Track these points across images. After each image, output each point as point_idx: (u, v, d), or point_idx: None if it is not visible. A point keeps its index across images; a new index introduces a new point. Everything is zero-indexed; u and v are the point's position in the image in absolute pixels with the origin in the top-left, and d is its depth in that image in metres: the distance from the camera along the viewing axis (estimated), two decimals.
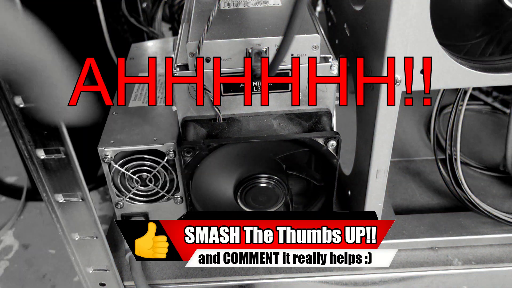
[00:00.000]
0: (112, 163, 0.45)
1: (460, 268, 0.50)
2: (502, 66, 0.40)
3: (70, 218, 0.43)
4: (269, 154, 0.44)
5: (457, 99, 0.47)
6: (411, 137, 0.69)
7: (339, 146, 0.42)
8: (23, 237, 0.88)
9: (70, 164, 0.38)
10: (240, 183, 0.45)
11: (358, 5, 0.45)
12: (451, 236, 0.51)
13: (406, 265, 0.50)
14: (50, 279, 0.79)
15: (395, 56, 0.37)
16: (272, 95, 0.43)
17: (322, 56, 0.42)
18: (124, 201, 0.48)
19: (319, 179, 0.47)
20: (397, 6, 0.34)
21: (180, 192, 0.48)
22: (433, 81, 0.39)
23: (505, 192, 0.57)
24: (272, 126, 0.43)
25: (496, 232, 0.51)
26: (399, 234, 0.51)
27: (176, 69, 0.41)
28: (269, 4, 0.47)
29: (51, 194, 0.41)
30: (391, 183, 0.60)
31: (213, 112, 0.44)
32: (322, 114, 0.44)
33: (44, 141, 0.37)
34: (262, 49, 0.40)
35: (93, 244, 0.45)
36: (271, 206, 0.46)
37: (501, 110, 0.73)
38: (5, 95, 0.34)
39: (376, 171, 0.45)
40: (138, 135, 0.46)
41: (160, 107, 0.51)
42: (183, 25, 0.48)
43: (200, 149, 0.42)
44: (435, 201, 0.57)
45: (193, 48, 0.40)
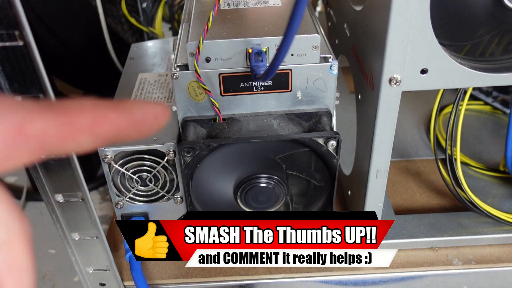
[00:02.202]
0: (112, 163, 0.45)
1: (460, 268, 0.49)
2: (502, 66, 0.40)
3: (70, 218, 0.43)
4: (269, 154, 0.44)
5: (457, 99, 0.47)
6: (411, 137, 0.69)
7: (339, 146, 0.42)
8: None
9: (70, 164, 0.38)
10: (240, 183, 0.45)
11: (358, 5, 0.45)
12: (451, 236, 0.51)
13: (406, 265, 0.50)
14: (50, 279, 0.79)
15: (395, 56, 0.37)
16: (272, 95, 0.43)
17: (322, 56, 0.42)
18: (124, 201, 0.48)
19: (319, 179, 0.47)
20: (397, 6, 0.34)
21: (180, 192, 0.48)
22: (433, 81, 0.39)
23: (505, 192, 0.57)
24: (272, 126, 0.43)
25: (496, 232, 0.51)
26: (399, 234, 0.51)
27: (176, 69, 0.41)
28: (269, 4, 0.47)
29: (51, 194, 0.41)
30: (391, 183, 0.60)
31: (213, 112, 0.44)
32: (322, 114, 0.44)
33: None
34: (262, 49, 0.40)
35: (93, 244, 0.45)
36: (271, 206, 0.46)
37: (501, 110, 0.73)
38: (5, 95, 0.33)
39: (376, 171, 0.45)
40: None
41: None
42: (183, 25, 0.48)
43: (200, 149, 0.42)
44: (435, 201, 0.57)
45: (193, 48, 0.40)
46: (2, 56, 0.32)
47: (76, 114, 0.19)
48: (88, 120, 0.19)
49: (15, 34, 0.31)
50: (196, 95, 0.43)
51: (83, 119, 0.19)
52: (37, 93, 0.33)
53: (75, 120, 0.19)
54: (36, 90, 0.33)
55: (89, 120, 0.19)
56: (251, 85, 0.42)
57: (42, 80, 0.33)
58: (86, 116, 0.19)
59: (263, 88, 0.42)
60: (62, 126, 0.19)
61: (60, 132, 0.19)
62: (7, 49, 0.31)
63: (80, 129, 0.19)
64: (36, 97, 0.34)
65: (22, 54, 0.31)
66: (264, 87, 0.42)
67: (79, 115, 0.19)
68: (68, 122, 0.19)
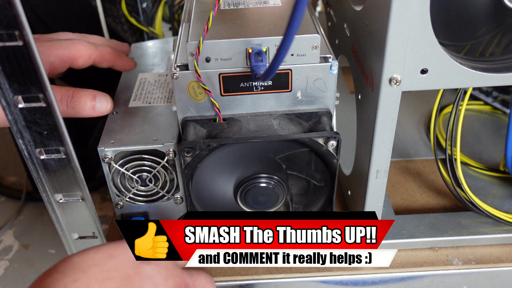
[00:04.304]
0: (112, 163, 0.45)
1: (460, 268, 0.49)
2: (502, 66, 0.40)
3: (70, 218, 0.43)
4: (269, 154, 0.44)
5: (457, 99, 0.47)
6: (411, 137, 0.69)
7: (339, 146, 0.42)
8: (23, 237, 0.88)
9: (70, 164, 0.38)
10: (240, 183, 0.45)
11: (358, 5, 0.45)
12: (451, 236, 0.51)
13: (406, 265, 0.50)
14: None
15: (395, 56, 0.37)
16: (272, 95, 0.43)
17: (322, 56, 0.42)
18: (124, 201, 0.48)
19: (319, 179, 0.47)
20: (397, 6, 0.34)
21: (180, 192, 0.48)
22: (433, 81, 0.39)
23: (505, 192, 0.57)
24: (272, 126, 0.43)
25: (496, 232, 0.51)
26: (399, 234, 0.51)
27: (176, 69, 0.41)
28: (269, 4, 0.47)
29: (51, 194, 0.41)
30: (391, 183, 0.60)
31: (213, 112, 0.44)
32: (322, 114, 0.44)
33: (44, 141, 0.37)
34: (262, 49, 0.40)
35: (93, 244, 0.45)
36: (271, 206, 0.46)
37: (501, 110, 0.73)
38: (5, 95, 0.33)
39: (376, 171, 0.45)
40: (138, 135, 0.46)
41: (160, 107, 0.51)
42: (183, 25, 0.48)
43: (200, 149, 0.42)
44: (435, 201, 0.57)
45: (193, 48, 0.40)
46: (2, 56, 0.32)
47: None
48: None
49: (15, 34, 0.31)
50: (196, 95, 0.43)
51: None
52: (37, 93, 0.33)
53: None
54: (36, 90, 0.33)
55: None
56: (251, 85, 0.42)
57: (42, 80, 0.33)
58: None
59: (263, 88, 0.43)
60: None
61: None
62: (7, 49, 0.31)
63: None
64: (36, 97, 0.34)
65: (22, 54, 0.31)
66: (264, 87, 0.42)
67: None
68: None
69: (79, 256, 0.36)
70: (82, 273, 0.34)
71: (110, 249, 0.37)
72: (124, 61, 0.54)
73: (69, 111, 0.45)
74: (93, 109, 0.46)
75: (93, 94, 0.47)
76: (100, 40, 0.56)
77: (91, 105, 0.46)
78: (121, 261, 0.36)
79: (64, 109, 0.45)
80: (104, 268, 0.35)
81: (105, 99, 0.47)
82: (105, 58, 0.51)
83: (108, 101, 0.47)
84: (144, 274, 0.37)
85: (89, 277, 0.34)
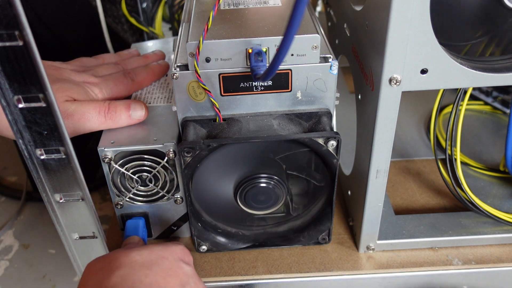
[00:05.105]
0: (112, 163, 0.45)
1: (460, 268, 0.49)
2: (502, 66, 0.40)
3: (70, 218, 0.43)
4: (269, 154, 0.44)
5: (457, 99, 0.47)
6: (411, 137, 0.69)
7: (339, 146, 0.42)
8: (23, 237, 0.88)
9: (70, 164, 0.38)
10: (240, 183, 0.45)
11: (358, 5, 0.45)
12: (451, 236, 0.51)
13: (406, 265, 0.50)
14: (50, 279, 0.79)
15: (395, 56, 0.37)
16: (272, 95, 0.43)
17: (322, 56, 0.42)
18: (124, 201, 0.48)
19: (319, 179, 0.47)
20: (397, 6, 0.34)
21: (180, 192, 0.48)
22: (433, 81, 0.39)
23: (505, 192, 0.57)
24: (272, 126, 0.43)
25: (496, 232, 0.51)
26: (399, 234, 0.51)
27: (176, 69, 0.41)
28: (269, 4, 0.47)
29: (51, 194, 0.41)
30: (391, 183, 0.60)
31: (213, 112, 0.44)
32: (322, 114, 0.44)
33: (44, 141, 0.37)
34: (262, 49, 0.40)
35: (93, 244, 0.45)
36: (271, 206, 0.46)
37: (501, 110, 0.73)
38: (5, 95, 0.34)
39: (376, 171, 0.45)
40: (138, 135, 0.46)
41: (160, 107, 0.51)
42: (183, 25, 0.48)
43: (200, 149, 0.42)
44: (435, 201, 0.57)
45: (193, 48, 0.40)
46: (2, 56, 0.32)
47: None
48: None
49: (15, 34, 0.31)
50: (196, 95, 0.43)
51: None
52: (37, 93, 0.33)
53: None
54: (36, 90, 0.33)
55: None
56: (251, 85, 0.42)
57: (42, 80, 0.33)
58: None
59: (263, 88, 0.43)
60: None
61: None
62: (7, 49, 0.31)
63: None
64: (36, 97, 0.34)
65: (22, 54, 0.31)
66: (264, 87, 0.42)
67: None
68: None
69: (129, 256, 0.39)
70: (148, 269, 0.38)
71: (160, 251, 0.40)
72: (137, 84, 0.53)
73: (108, 123, 0.46)
74: (130, 117, 0.47)
75: (127, 103, 0.47)
76: (131, 63, 0.57)
77: (127, 114, 0.47)
78: (171, 261, 0.40)
79: (103, 121, 0.46)
80: (163, 267, 0.39)
81: (139, 106, 0.48)
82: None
83: (142, 108, 0.48)
84: (194, 275, 0.41)
85: (155, 273, 0.38)
